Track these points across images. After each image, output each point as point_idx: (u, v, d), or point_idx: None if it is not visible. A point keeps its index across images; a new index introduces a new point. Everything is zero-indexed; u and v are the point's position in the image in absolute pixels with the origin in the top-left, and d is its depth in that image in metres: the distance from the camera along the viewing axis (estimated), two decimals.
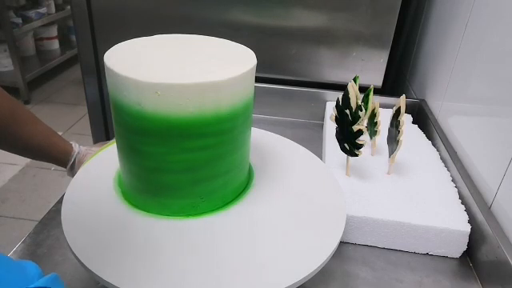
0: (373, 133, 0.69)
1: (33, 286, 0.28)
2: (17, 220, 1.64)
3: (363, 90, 0.67)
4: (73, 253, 0.41)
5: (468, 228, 0.54)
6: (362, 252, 0.57)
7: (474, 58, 0.68)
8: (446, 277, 0.53)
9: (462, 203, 0.58)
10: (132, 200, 0.48)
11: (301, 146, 0.61)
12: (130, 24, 0.96)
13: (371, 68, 0.93)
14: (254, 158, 0.56)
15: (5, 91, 0.59)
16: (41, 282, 0.29)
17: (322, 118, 0.90)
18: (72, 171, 0.66)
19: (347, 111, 0.58)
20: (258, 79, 0.48)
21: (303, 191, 0.52)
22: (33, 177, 1.89)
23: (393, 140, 0.63)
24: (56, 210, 0.59)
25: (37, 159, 0.68)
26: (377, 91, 0.85)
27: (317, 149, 0.67)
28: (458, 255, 0.56)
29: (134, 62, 0.43)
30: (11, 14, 2.48)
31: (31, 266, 0.31)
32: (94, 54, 1.01)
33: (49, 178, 1.87)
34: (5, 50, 2.48)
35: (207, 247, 0.43)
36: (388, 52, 0.92)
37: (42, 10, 2.69)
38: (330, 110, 0.69)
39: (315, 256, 0.43)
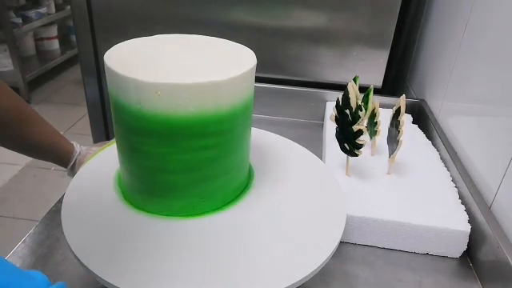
0: (373, 133, 0.69)
1: None
2: (17, 220, 1.64)
3: (363, 89, 0.67)
4: (73, 253, 0.41)
5: (468, 228, 0.54)
6: (361, 252, 0.57)
7: (474, 58, 0.68)
8: (446, 277, 0.53)
9: (462, 203, 0.58)
10: (132, 200, 0.48)
11: (301, 146, 0.61)
12: (130, 24, 0.96)
13: (371, 68, 0.93)
14: (254, 158, 0.56)
15: (12, 90, 0.58)
16: None
17: (322, 118, 0.90)
18: (72, 171, 0.66)
19: (347, 111, 0.58)
20: (257, 79, 0.48)
21: (303, 191, 0.52)
22: (33, 177, 1.89)
23: (393, 140, 0.63)
24: (56, 210, 0.59)
25: (39, 158, 0.68)
26: (377, 91, 0.85)
27: (317, 149, 0.67)
28: (458, 255, 0.56)
29: (134, 62, 0.43)
30: (11, 14, 2.48)
31: (38, 275, 0.31)
32: (94, 54, 1.01)
33: (49, 177, 1.87)
34: (5, 50, 2.48)
35: (207, 247, 0.43)
36: (388, 52, 0.92)
37: (42, 9, 2.69)
38: (330, 109, 0.69)
39: (315, 256, 0.43)
